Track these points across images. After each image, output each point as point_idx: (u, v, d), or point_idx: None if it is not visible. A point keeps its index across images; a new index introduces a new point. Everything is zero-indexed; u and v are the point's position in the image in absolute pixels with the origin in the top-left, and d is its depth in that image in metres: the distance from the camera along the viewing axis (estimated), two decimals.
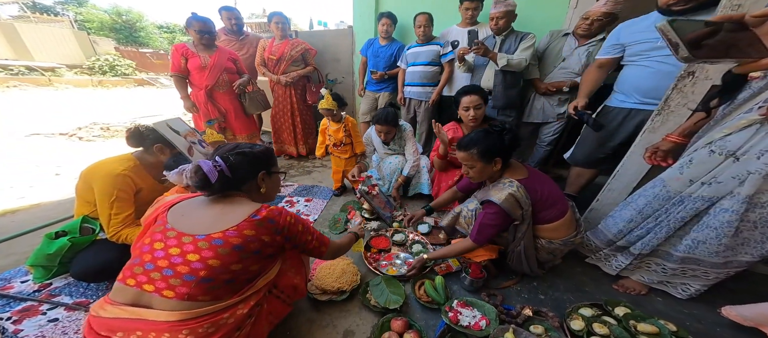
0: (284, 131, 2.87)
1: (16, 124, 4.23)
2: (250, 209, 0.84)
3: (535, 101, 2.28)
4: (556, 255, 1.34)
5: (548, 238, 1.28)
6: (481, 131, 1.30)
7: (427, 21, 2.44)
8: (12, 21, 10.24)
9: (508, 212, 1.19)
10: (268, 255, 0.88)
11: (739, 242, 1.05)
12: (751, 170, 0.95)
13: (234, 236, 0.78)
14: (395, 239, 1.72)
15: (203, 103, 2.41)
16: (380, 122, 2.00)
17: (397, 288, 1.34)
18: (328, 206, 2.14)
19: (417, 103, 2.73)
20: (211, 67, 2.33)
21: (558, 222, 1.24)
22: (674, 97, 1.32)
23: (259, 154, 0.95)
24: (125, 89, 9.13)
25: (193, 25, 2.25)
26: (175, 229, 0.79)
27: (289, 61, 2.69)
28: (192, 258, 0.74)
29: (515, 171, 1.28)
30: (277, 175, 1.04)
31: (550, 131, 2.32)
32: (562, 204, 1.26)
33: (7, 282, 1.32)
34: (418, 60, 2.56)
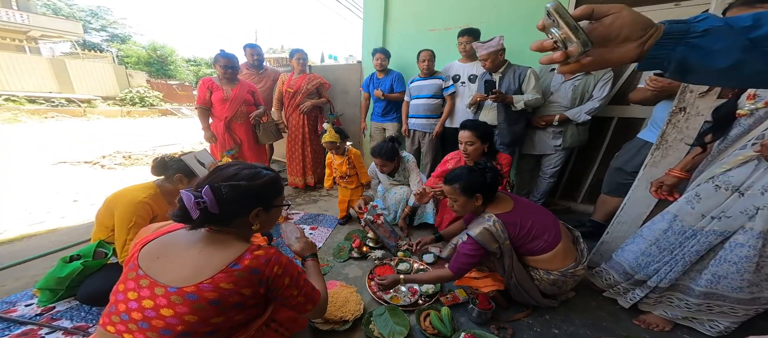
0: (294, 161, 2.92)
1: (47, 152, 4.41)
2: (231, 255, 0.72)
3: (532, 133, 2.31)
4: (560, 286, 1.28)
5: (545, 269, 1.24)
6: (465, 168, 1.35)
7: (431, 56, 2.58)
8: (63, 57, 11.13)
9: (482, 245, 1.20)
10: (254, 305, 0.77)
11: (763, 278, 1.00)
12: (758, 205, 0.93)
13: (209, 289, 0.68)
14: (399, 268, 1.66)
15: (221, 133, 2.50)
16: (375, 154, 2.04)
17: (402, 318, 1.26)
18: (333, 235, 2.11)
19: (421, 134, 2.79)
20: (232, 99, 2.46)
21: (549, 254, 1.21)
22: (670, 132, 1.34)
23: (259, 187, 0.80)
24: (150, 118, 9.61)
25: (220, 61, 2.42)
26: (148, 276, 0.70)
27: (305, 94, 2.84)
28: (166, 313, 0.66)
29: (500, 204, 1.29)
30: (277, 208, 0.90)
31: (550, 163, 2.30)
32: (551, 236, 1.22)
33: (11, 305, 1.30)
34: (421, 93, 2.66)
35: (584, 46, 0.39)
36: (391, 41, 3.15)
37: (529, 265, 1.28)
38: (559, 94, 2.09)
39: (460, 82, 2.56)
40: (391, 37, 3.17)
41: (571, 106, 2.06)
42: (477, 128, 1.74)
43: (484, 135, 1.74)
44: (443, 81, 2.59)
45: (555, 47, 0.42)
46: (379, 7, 3.04)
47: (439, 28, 2.89)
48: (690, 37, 0.39)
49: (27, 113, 7.60)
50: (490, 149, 1.81)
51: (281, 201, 0.91)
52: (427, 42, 2.76)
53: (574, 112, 2.03)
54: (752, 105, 0.94)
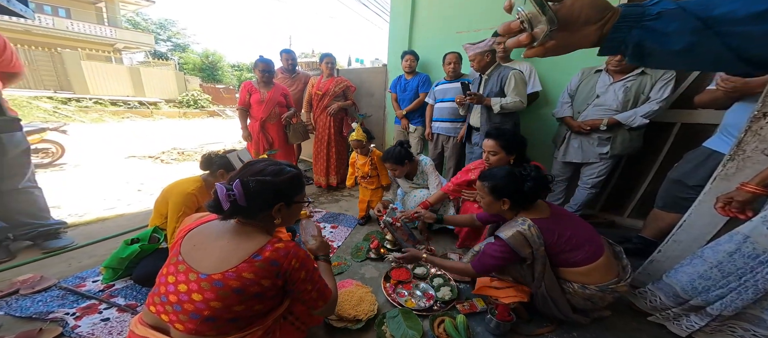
0: (319, 161, 3.02)
1: (122, 147, 5.09)
2: (254, 246, 0.76)
3: (570, 139, 2.09)
4: (595, 302, 1.15)
5: (580, 282, 1.13)
6: (505, 169, 1.26)
7: (457, 59, 2.50)
8: (138, 66, 12.79)
9: (513, 249, 1.12)
10: (272, 296, 0.80)
11: None
12: None
13: (233, 278, 0.71)
14: (416, 272, 1.62)
15: (257, 132, 2.68)
16: (384, 159, 2.03)
17: (415, 323, 1.24)
18: (352, 234, 2.14)
19: (445, 138, 2.72)
20: (267, 101, 2.62)
21: (587, 266, 1.11)
22: (749, 140, 1.12)
23: (283, 183, 0.83)
24: (200, 119, 10.66)
25: (259, 66, 2.60)
26: (185, 263, 0.76)
27: (332, 96, 2.92)
28: (196, 298, 0.71)
29: (534, 211, 1.19)
30: (298, 205, 0.92)
31: (593, 172, 2.04)
32: (593, 248, 1.12)
33: (82, 280, 1.47)
34: (446, 96, 2.59)
35: (550, 24, 0.38)
36: (418, 43, 3.11)
37: (562, 277, 1.17)
38: (607, 96, 1.87)
39: None
40: (417, 40, 3.13)
41: (622, 109, 1.83)
42: (502, 136, 1.58)
43: (510, 145, 1.57)
44: (470, 84, 2.49)
45: (522, 29, 0.41)
46: (406, 9, 3.01)
47: (467, 31, 2.78)
48: (645, 20, 0.38)
49: (109, 113, 8.84)
50: (518, 162, 1.60)
51: (302, 198, 0.93)
52: (454, 45, 2.67)
53: (626, 115, 1.79)
54: None
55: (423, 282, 1.56)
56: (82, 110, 8.37)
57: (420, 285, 1.55)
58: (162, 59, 17.91)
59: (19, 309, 1.26)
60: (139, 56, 17.56)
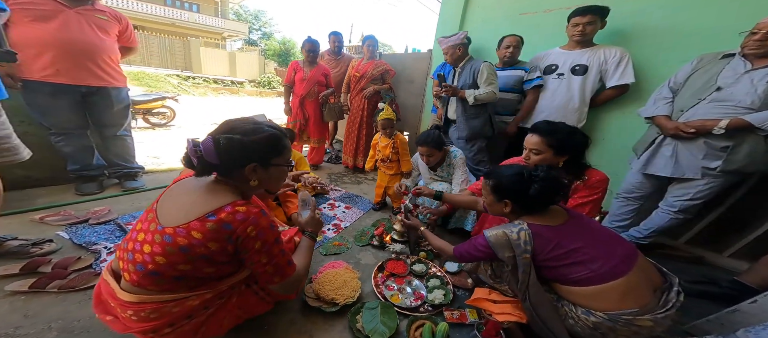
0: (349, 141, 3.04)
1: (212, 116, 6.10)
2: (214, 205, 0.70)
3: (662, 145, 1.55)
4: (605, 335, 0.89)
5: (584, 306, 0.93)
6: (516, 168, 1.06)
7: (517, 43, 2.16)
8: (235, 51, 15.27)
9: (492, 248, 1.00)
10: (224, 261, 0.74)
11: None
12: None
13: (182, 235, 0.67)
14: (414, 269, 1.50)
15: (296, 108, 2.84)
16: (421, 143, 1.83)
17: (392, 319, 1.15)
18: (363, 218, 2.10)
19: None
20: (309, 79, 2.74)
21: (594, 287, 0.90)
22: None
23: (255, 142, 0.76)
24: (271, 98, 12.10)
25: (305, 45, 2.72)
26: (155, 212, 0.74)
27: (370, 78, 2.88)
28: (146, 249, 0.69)
29: (545, 218, 1.01)
30: (279, 168, 0.85)
31: (687, 192, 1.51)
32: (609, 266, 0.89)
33: (133, 219, 1.60)
34: None
35: None
36: (471, 26, 2.76)
37: (563, 297, 0.98)
38: (737, 88, 1.33)
39: (555, 74, 2.02)
40: (470, 22, 2.78)
41: (759, 107, 1.28)
42: (553, 134, 1.22)
43: (561, 145, 1.22)
44: (526, 72, 2.11)
45: None
46: None
47: (535, 11, 2.33)
48: None
49: (211, 89, 10.80)
50: (571, 165, 1.27)
51: (283, 162, 0.85)
52: (516, 27, 2.29)
53: (763, 117, 1.25)
54: None
55: (417, 280, 1.45)
56: (195, 85, 10.42)
57: (413, 282, 1.43)
58: (253, 46, 20.56)
59: (80, 236, 1.42)
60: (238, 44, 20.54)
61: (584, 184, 1.28)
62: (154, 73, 9.41)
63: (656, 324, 0.84)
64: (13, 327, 0.95)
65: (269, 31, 25.98)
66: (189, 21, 16.14)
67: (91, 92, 1.77)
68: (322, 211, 2.12)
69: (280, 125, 0.89)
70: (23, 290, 1.08)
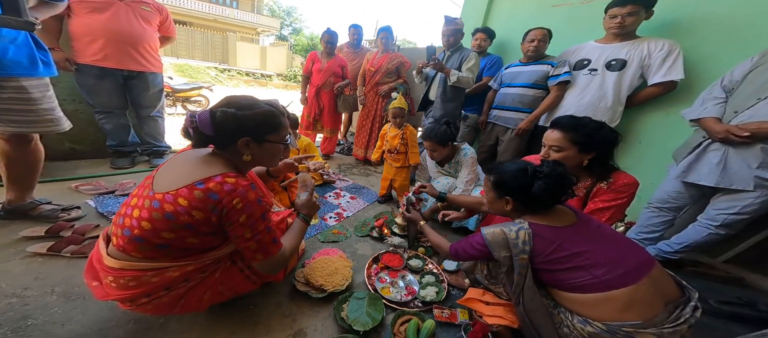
0: (362, 134, 3.03)
1: None
2: (205, 174, 0.70)
3: (708, 150, 1.36)
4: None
5: (581, 314, 0.84)
6: (521, 163, 0.98)
7: (544, 36, 2.00)
8: (266, 46, 16.07)
9: (489, 247, 0.94)
10: (209, 233, 0.73)
11: None
12: None
13: (169, 202, 0.67)
14: (410, 263, 1.46)
15: (312, 97, 2.89)
16: (425, 137, 1.73)
17: (378, 311, 1.12)
18: (367, 209, 2.08)
19: (502, 130, 2.26)
20: (325, 70, 2.77)
21: (595, 295, 0.81)
22: None
23: (249, 117, 0.76)
24: (296, 91, 12.52)
25: (324, 37, 2.77)
26: (152, 179, 0.74)
27: (384, 72, 2.82)
28: (135, 214, 0.69)
29: (550, 218, 0.93)
30: (274, 145, 0.84)
31: (734, 205, 1.32)
32: (615, 274, 0.80)
33: None
34: (515, 81, 2.13)
35: None
36: (496, 20, 2.60)
37: (558, 303, 0.91)
38: None
39: (586, 70, 1.85)
40: (496, 15, 2.63)
41: None
42: (577, 129, 1.10)
43: (587, 141, 1.10)
44: (553, 67, 1.95)
45: None
46: None
47: (570, 3, 2.12)
48: None
49: (243, 81, 11.52)
50: (598, 163, 1.14)
51: (279, 139, 0.85)
52: (545, 20, 2.11)
53: None
54: None
55: (412, 275, 1.40)
56: (229, 77, 11.19)
57: (407, 276, 1.39)
58: (283, 41, 21.40)
59: (104, 205, 1.52)
60: (270, 39, 21.49)
61: (609, 187, 1.14)
62: (197, 66, 10.27)
63: (659, 335, 0.73)
64: (22, 288, 0.99)
65: (299, 26, 26.81)
66: (229, 16, 17.29)
67: (132, 76, 1.94)
68: (326, 199, 2.14)
69: (281, 105, 0.89)
70: (41, 252, 1.13)
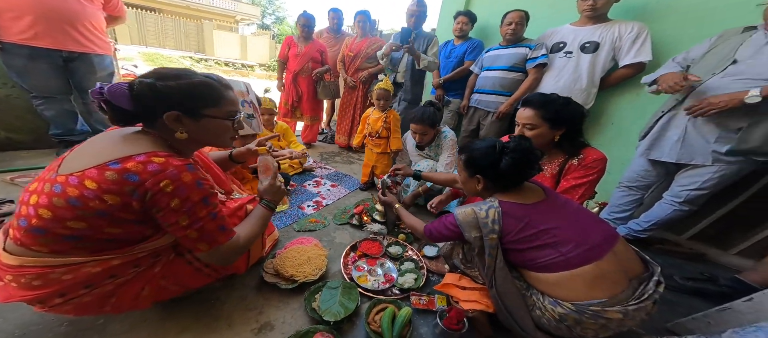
0: (344, 122, 2.94)
1: None
2: (124, 152, 0.60)
3: (669, 126, 1.38)
4: (573, 330, 0.79)
5: (551, 295, 0.83)
6: (490, 141, 0.98)
7: (522, 19, 1.96)
8: (247, 35, 15.25)
9: (460, 227, 0.93)
10: (133, 220, 0.63)
11: None
12: None
13: (74, 185, 0.56)
14: (389, 251, 1.42)
15: (289, 83, 2.76)
16: (416, 120, 1.70)
17: (352, 300, 1.07)
18: (348, 197, 2.02)
19: (483, 114, 2.24)
20: (302, 55, 2.64)
21: (560, 274, 0.81)
22: None
23: (172, 88, 0.65)
24: None
25: (300, 20, 2.62)
26: (60, 161, 0.63)
27: (364, 58, 2.70)
28: (32, 201, 0.58)
29: (519, 195, 0.93)
30: (215, 120, 0.73)
31: (694, 180, 1.36)
32: (577, 251, 0.80)
33: None
34: (495, 64, 2.09)
35: None
36: (478, 3, 2.51)
37: (531, 285, 0.90)
38: (758, 61, 1.15)
39: (563, 52, 1.84)
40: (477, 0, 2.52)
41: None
42: (547, 105, 1.11)
43: (557, 118, 1.11)
44: (531, 50, 1.92)
45: None
46: None
47: None
48: None
49: (222, 71, 11.01)
50: (568, 139, 1.15)
51: (222, 114, 0.74)
52: (526, 3, 2.06)
53: None
54: None
55: (390, 263, 1.36)
56: (206, 67, 10.63)
57: (386, 264, 1.35)
58: (265, 30, 20.53)
59: None
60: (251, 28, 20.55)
61: (579, 163, 1.14)
62: (169, 55, 9.71)
63: (626, 316, 0.73)
64: None
65: (282, 15, 25.72)
66: (203, 4, 16.24)
67: (73, 57, 1.76)
68: (305, 187, 2.05)
69: (224, 78, 0.78)
70: None
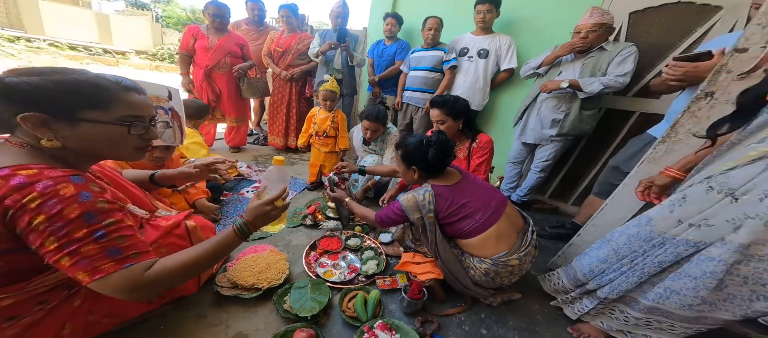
0: (277, 122, 2.77)
1: None
2: None
3: (529, 117, 1.94)
4: (494, 279, 1.09)
5: (476, 256, 1.10)
6: (418, 137, 1.18)
7: (438, 25, 2.27)
8: (108, 14, 11.55)
9: (404, 211, 1.13)
10: (11, 250, 0.55)
11: (722, 297, 0.82)
12: (750, 214, 0.72)
13: None
14: (349, 243, 1.49)
15: (200, 81, 2.38)
16: (370, 118, 1.81)
17: (323, 294, 1.11)
18: (297, 199, 1.97)
19: (414, 109, 2.52)
20: (216, 48, 2.32)
21: (478, 237, 1.07)
22: (684, 122, 1.04)
23: (30, 85, 0.54)
24: (176, 74, 9.80)
25: (209, 9, 2.28)
26: None
27: (296, 54, 2.61)
28: None
29: (444, 178, 1.18)
30: (102, 126, 0.61)
31: (543, 155, 1.96)
32: (485, 217, 1.07)
33: None
34: (420, 64, 2.38)
35: None
36: (403, 6, 2.79)
37: (464, 251, 1.15)
38: (568, 72, 1.73)
39: (467, 57, 2.24)
40: (403, 3, 2.81)
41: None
42: (446, 103, 1.48)
43: (455, 111, 1.48)
44: (445, 53, 2.28)
45: None
46: None
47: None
48: None
49: (66, 57, 8.03)
50: (466, 126, 1.55)
51: (110, 118, 0.61)
52: (441, 10, 2.39)
53: (587, 81, 1.63)
54: None
55: (352, 254, 1.44)
56: (31, 50, 7.57)
57: (348, 256, 1.42)
58: (142, 10, 16.12)
59: None
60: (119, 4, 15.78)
61: (477, 145, 1.53)
62: None
63: (521, 261, 1.05)
64: None
65: None
66: None
67: None
68: (243, 195, 1.87)
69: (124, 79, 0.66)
70: None
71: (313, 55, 2.50)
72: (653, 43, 1.75)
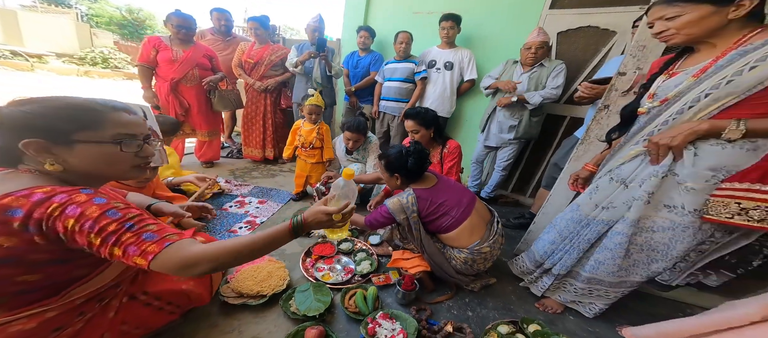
0: (253, 134, 2.75)
1: None
2: None
3: (491, 123, 2.26)
4: (471, 266, 1.28)
5: (455, 247, 1.28)
6: (398, 148, 1.33)
7: (408, 39, 2.48)
8: (16, 10, 9.97)
9: (391, 213, 1.28)
10: (49, 261, 0.59)
11: (630, 263, 1.07)
12: (636, 196, 0.97)
13: None
14: (341, 247, 1.59)
15: (165, 94, 2.27)
16: (351, 129, 1.94)
17: (325, 295, 1.21)
18: (283, 210, 2.00)
19: (390, 117, 2.71)
20: (183, 61, 2.23)
21: (456, 231, 1.25)
22: (593, 128, 1.38)
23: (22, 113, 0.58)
24: (112, 80, 8.72)
25: (172, 20, 2.18)
26: None
27: (269, 65, 2.61)
28: None
29: (423, 182, 1.33)
30: (97, 146, 0.64)
31: (504, 156, 2.30)
32: (459, 212, 1.26)
33: None
34: (394, 76, 2.56)
35: None
36: (374, 20, 2.97)
37: (445, 244, 1.31)
38: (520, 85, 2.08)
39: (435, 69, 2.49)
40: (374, 16, 2.99)
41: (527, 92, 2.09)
42: (418, 115, 1.67)
43: (426, 121, 1.67)
44: (416, 65, 2.50)
45: None
46: None
47: (423, 12, 2.73)
48: None
49: None
50: (437, 134, 1.76)
51: (103, 138, 0.64)
52: (410, 25, 2.62)
53: (530, 94, 2.01)
54: (650, 104, 0.96)
55: (346, 257, 1.54)
56: None
57: (342, 259, 1.52)
58: (62, 7, 14.15)
59: None
60: None
61: (448, 151, 1.76)
62: None
63: (492, 248, 1.26)
64: None
65: None
66: None
67: None
68: (227, 210, 1.86)
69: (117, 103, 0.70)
70: None
71: (292, 66, 2.54)
72: (574, 59, 2.19)
